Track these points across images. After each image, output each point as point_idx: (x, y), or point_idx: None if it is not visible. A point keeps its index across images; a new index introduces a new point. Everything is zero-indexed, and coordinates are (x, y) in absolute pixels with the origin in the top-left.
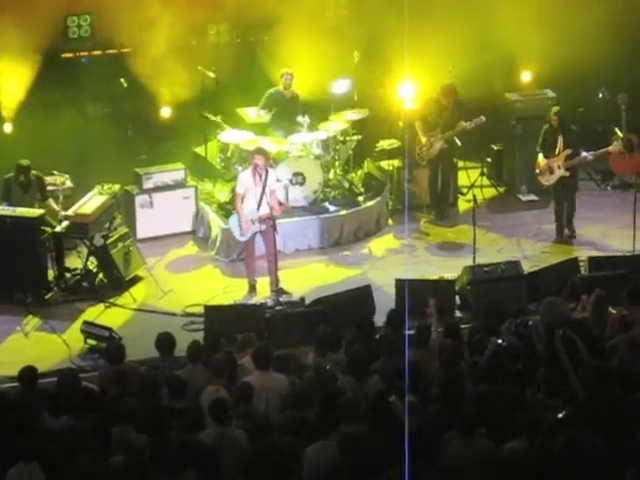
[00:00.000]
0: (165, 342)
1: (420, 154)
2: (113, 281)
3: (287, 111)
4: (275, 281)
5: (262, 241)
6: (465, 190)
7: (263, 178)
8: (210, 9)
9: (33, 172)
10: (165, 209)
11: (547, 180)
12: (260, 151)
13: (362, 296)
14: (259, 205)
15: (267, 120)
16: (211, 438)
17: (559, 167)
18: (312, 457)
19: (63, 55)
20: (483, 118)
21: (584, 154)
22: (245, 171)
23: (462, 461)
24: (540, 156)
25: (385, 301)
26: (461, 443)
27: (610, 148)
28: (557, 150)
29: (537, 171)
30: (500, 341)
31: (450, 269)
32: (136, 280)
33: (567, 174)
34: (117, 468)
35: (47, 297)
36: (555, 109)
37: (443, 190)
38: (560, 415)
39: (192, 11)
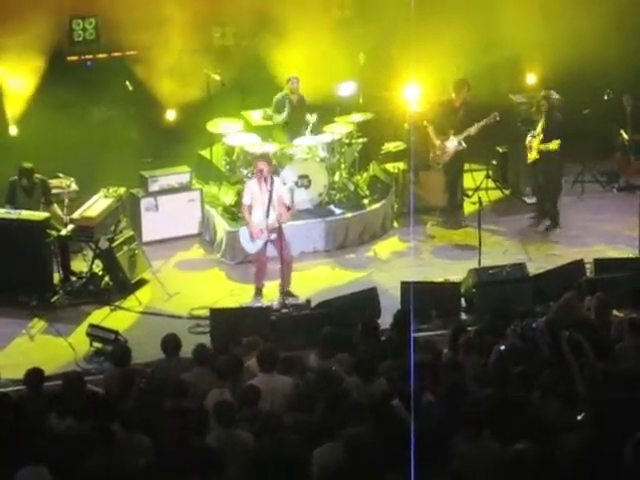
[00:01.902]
0: (171, 344)
1: (434, 158)
2: (119, 284)
3: (294, 115)
4: (284, 284)
5: (274, 248)
6: (470, 193)
7: (269, 185)
8: (215, 12)
9: (37, 176)
10: (170, 212)
11: (528, 158)
12: (264, 157)
13: (368, 299)
14: (267, 214)
15: (282, 121)
16: (216, 441)
17: (531, 148)
18: (320, 459)
19: (68, 58)
20: (497, 115)
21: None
22: (252, 180)
23: (470, 464)
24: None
25: (391, 304)
26: (468, 446)
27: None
28: (537, 132)
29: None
30: (502, 347)
31: (455, 271)
32: (142, 283)
33: (537, 157)
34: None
35: (53, 300)
36: (545, 93)
37: (458, 196)
38: (579, 417)
39: (197, 14)
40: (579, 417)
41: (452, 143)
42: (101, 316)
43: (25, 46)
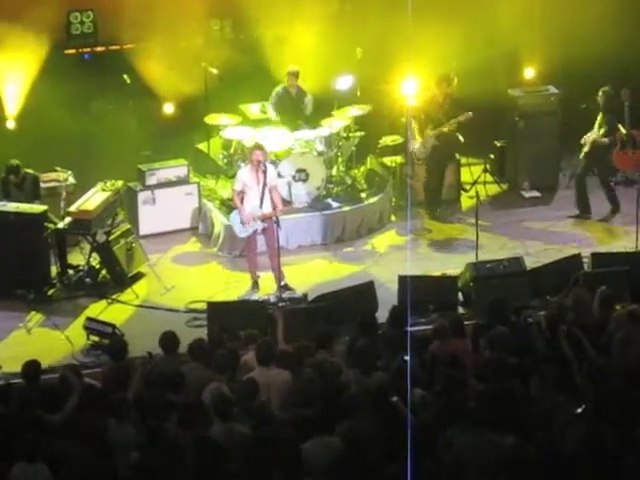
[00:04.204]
0: (169, 342)
1: (414, 153)
2: (116, 277)
3: (293, 109)
4: (280, 277)
5: (263, 238)
6: (468, 187)
7: (262, 174)
8: (213, 5)
9: (30, 172)
10: (168, 205)
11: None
12: (259, 146)
13: (365, 292)
14: (261, 202)
15: (274, 118)
16: (216, 434)
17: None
18: (310, 453)
19: (66, 51)
20: (470, 113)
21: None
22: (244, 168)
23: (469, 456)
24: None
25: (388, 297)
26: (467, 438)
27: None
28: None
29: None
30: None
31: (453, 265)
32: (139, 276)
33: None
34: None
35: (50, 293)
36: (603, 88)
37: (437, 187)
38: (579, 410)
39: (195, 7)
40: (579, 410)
41: (429, 139)
42: (98, 309)
43: (23, 39)
